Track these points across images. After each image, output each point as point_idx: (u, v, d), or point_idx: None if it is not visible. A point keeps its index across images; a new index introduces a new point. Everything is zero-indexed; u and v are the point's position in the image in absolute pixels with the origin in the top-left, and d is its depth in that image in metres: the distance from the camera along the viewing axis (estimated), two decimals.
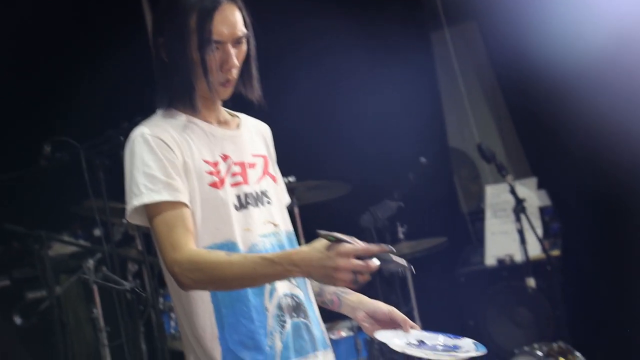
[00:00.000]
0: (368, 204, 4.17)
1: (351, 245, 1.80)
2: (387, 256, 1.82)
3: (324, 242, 1.82)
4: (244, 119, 2.28)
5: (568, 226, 5.10)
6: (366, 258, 1.79)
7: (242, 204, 2.11)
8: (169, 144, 2.05)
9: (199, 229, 2.05)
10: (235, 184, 2.12)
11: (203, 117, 2.15)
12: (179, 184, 2.02)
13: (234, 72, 2.11)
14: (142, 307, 3.64)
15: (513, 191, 4.46)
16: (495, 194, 5.36)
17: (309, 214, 4.46)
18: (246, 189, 2.13)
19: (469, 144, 5.83)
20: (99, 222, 4.06)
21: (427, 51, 5.75)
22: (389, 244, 4.17)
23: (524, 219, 4.41)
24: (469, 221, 5.56)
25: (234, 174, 2.12)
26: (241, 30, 2.09)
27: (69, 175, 4.13)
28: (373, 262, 1.80)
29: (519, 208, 4.40)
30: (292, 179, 4.25)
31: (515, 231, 4.43)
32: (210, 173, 2.08)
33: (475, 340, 2.11)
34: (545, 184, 5.22)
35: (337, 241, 1.80)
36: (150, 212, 2.02)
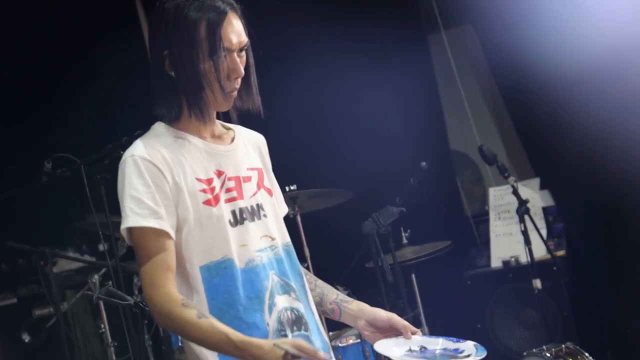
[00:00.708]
0: (370, 211, 4.16)
1: (301, 351, 1.87)
2: None
3: (281, 351, 1.88)
4: (238, 131, 2.27)
5: (572, 226, 5.09)
6: None
7: (238, 219, 2.10)
8: (159, 167, 2.04)
9: (195, 247, 2.05)
10: (230, 200, 2.11)
11: (198, 133, 2.14)
12: (163, 212, 2.02)
13: (239, 81, 2.11)
14: (147, 322, 3.64)
15: (516, 192, 4.45)
16: (499, 195, 5.35)
17: (312, 222, 4.46)
18: (241, 204, 2.13)
19: (470, 146, 5.83)
20: (102, 237, 4.06)
21: (425, 54, 5.75)
22: (393, 249, 4.18)
23: (527, 220, 4.40)
24: (473, 224, 5.55)
25: (228, 190, 2.12)
26: (245, 39, 2.10)
27: (71, 191, 4.14)
28: None
29: (522, 209, 4.38)
30: (293, 187, 4.24)
31: (520, 232, 4.42)
32: (204, 191, 2.08)
33: (476, 343, 2.10)
34: (548, 184, 5.21)
35: (287, 354, 1.88)
36: (134, 236, 2.03)
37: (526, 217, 4.39)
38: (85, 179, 3.74)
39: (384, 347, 2.08)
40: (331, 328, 4.19)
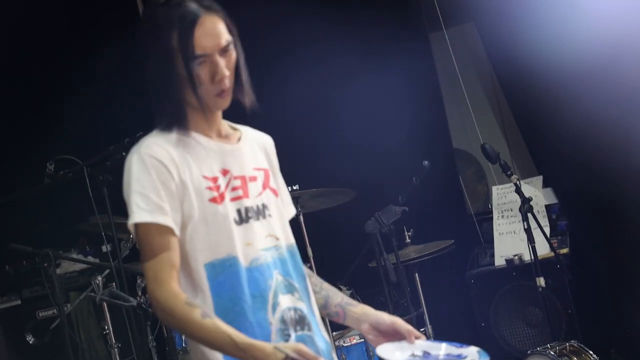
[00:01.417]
0: (373, 210, 4.15)
1: (299, 355, 1.91)
2: None
3: (282, 354, 1.91)
4: (245, 131, 2.27)
5: (575, 223, 5.08)
6: None
7: (243, 218, 2.11)
8: (165, 163, 2.05)
9: (200, 245, 2.06)
10: (236, 198, 2.11)
11: (203, 131, 2.14)
12: (168, 208, 2.03)
13: (226, 81, 2.09)
14: (150, 323, 3.64)
15: (519, 190, 4.44)
16: (502, 194, 5.34)
17: (314, 221, 4.46)
18: (247, 202, 2.13)
19: (473, 145, 5.82)
20: (105, 238, 4.07)
21: (426, 53, 5.74)
22: (396, 248, 4.18)
23: (531, 218, 4.39)
24: (476, 222, 5.54)
25: (234, 188, 2.12)
26: (225, 39, 2.08)
27: (74, 192, 4.14)
28: None
29: (525, 207, 4.38)
30: (295, 187, 4.24)
31: (523, 230, 4.41)
32: (210, 189, 2.08)
33: (480, 349, 2.09)
34: (551, 181, 5.20)
35: (288, 358, 1.90)
36: (139, 231, 2.03)
37: (529, 215, 4.38)
38: (88, 180, 3.74)
39: (386, 352, 2.07)
40: (335, 328, 4.19)
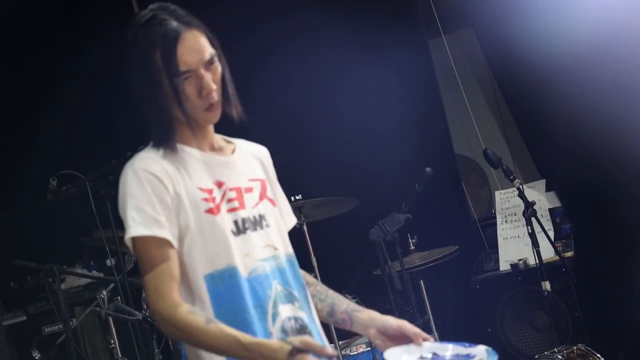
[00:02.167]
0: (376, 218, 4.14)
1: (306, 345, 1.91)
2: None
3: (288, 346, 1.92)
4: (240, 144, 2.28)
5: (579, 226, 5.07)
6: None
7: (240, 229, 2.10)
8: (159, 177, 2.05)
9: (198, 256, 2.05)
10: (232, 210, 2.11)
11: (196, 145, 2.15)
12: (165, 221, 2.03)
13: (214, 95, 2.09)
14: (156, 336, 3.63)
15: (522, 195, 4.43)
16: (505, 198, 5.33)
17: (318, 230, 4.45)
18: (243, 213, 2.12)
19: (475, 150, 5.82)
20: (109, 252, 4.06)
21: (426, 59, 5.74)
22: (400, 256, 4.17)
23: (535, 222, 4.38)
24: (480, 227, 5.54)
25: (229, 200, 2.12)
26: (209, 52, 2.09)
27: (77, 207, 4.14)
28: None
29: (529, 211, 4.36)
30: (298, 197, 4.24)
31: (527, 235, 4.40)
32: (206, 200, 2.08)
33: (488, 347, 2.09)
34: (554, 185, 5.19)
35: (295, 349, 1.91)
36: (137, 246, 2.03)
37: (533, 219, 4.37)
38: (91, 195, 3.74)
39: (394, 356, 2.06)
40: (341, 337, 4.18)
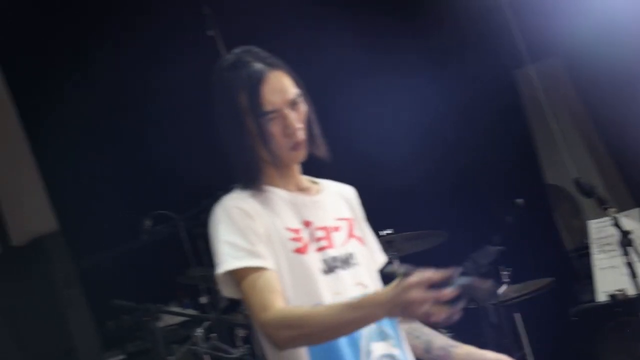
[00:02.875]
0: (467, 251, 4.11)
1: (416, 278, 1.82)
2: (462, 280, 1.83)
3: (397, 280, 1.85)
4: (325, 184, 2.28)
5: None
6: (443, 286, 1.81)
7: (330, 267, 2.10)
8: (250, 213, 2.06)
9: (288, 294, 2.04)
10: (321, 249, 2.11)
11: (282, 185, 2.16)
12: (261, 249, 2.03)
13: (298, 134, 2.10)
14: None
15: (617, 224, 4.33)
16: (599, 228, 5.21)
17: (410, 264, 4.42)
18: (332, 252, 2.12)
19: (566, 179, 5.72)
20: (203, 290, 4.12)
21: (513, 90, 5.70)
22: (495, 289, 4.11)
23: (631, 252, 4.27)
24: (574, 258, 5.42)
25: (318, 239, 2.12)
26: (293, 92, 2.10)
27: (171, 246, 4.23)
28: (446, 290, 1.80)
29: (625, 241, 4.26)
30: (390, 231, 4.23)
31: (624, 265, 4.29)
32: (294, 240, 2.08)
33: None
34: None
35: (405, 275, 1.83)
36: (237, 278, 2.02)
37: (629, 249, 4.27)
38: (184, 234, 3.82)
39: None
40: None
